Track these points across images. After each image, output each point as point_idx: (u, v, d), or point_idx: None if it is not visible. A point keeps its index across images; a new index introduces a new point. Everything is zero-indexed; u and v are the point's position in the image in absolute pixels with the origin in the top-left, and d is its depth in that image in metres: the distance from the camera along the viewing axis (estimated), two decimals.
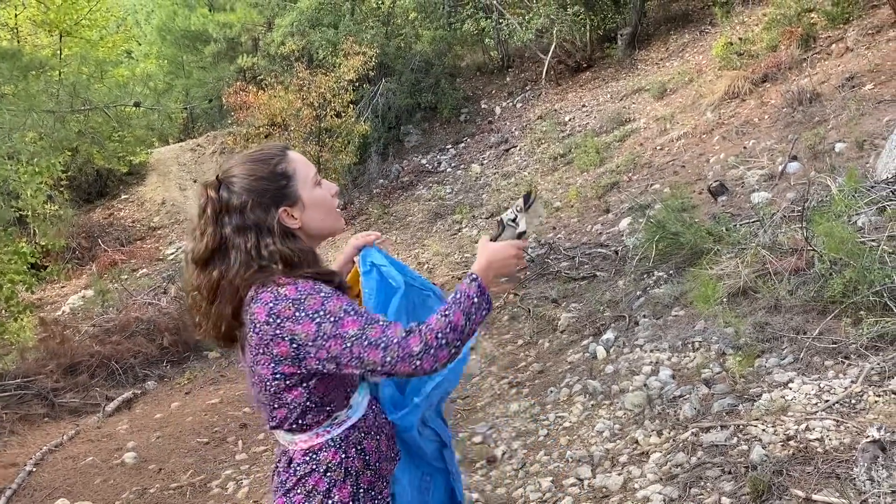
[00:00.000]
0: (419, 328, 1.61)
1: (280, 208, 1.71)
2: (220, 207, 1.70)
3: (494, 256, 1.77)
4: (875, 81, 8.91)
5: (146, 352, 7.10)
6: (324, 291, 1.63)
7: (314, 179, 1.76)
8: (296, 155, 1.79)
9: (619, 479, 3.42)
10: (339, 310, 1.60)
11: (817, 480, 2.77)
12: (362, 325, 1.59)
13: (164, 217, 14.57)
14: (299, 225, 1.74)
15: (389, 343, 1.57)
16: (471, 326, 1.65)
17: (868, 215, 4.70)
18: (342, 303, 1.62)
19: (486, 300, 1.70)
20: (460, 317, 1.63)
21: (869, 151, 6.84)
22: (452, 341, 1.61)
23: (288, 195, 1.72)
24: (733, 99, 10.89)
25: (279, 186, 1.71)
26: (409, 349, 1.57)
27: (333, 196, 1.80)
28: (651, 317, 5.11)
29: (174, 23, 18.17)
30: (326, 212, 1.78)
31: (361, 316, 1.61)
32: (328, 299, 1.61)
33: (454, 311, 1.64)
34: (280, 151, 1.77)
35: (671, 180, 9.15)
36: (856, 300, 3.82)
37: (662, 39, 14.80)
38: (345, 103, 13.31)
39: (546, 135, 13.06)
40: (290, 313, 1.60)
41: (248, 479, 4.27)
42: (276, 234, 1.69)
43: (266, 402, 1.74)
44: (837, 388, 3.40)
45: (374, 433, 1.84)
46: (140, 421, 5.59)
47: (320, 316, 1.59)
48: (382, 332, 1.59)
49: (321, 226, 1.78)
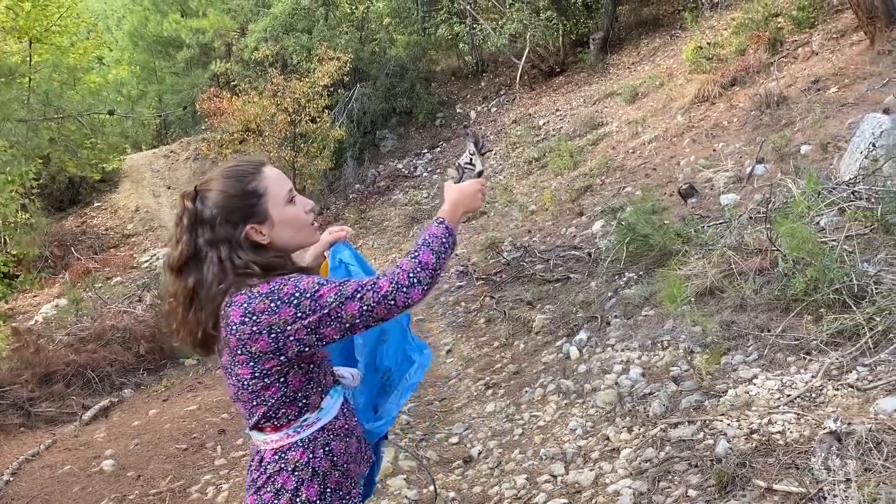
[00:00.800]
0: (390, 271, 1.74)
1: (248, 225, 1.77)
2: (194, 219, 1.76)
3: (460, 196, 1.92)
4: (839, 84, 9.14)
5: (122, 360, 7.08)
6: (293, 277, 1.72)
7: (286, 197, 1.81)
8: (272, 172, 1.83)
9: (590, 474, 3.51)
10: (313, 283, 1.69)
11: (778, 471, 2.88)
12: (338, 288, 1.69)
13: (137, 224, 14.49)
14: (268, 241, 1.80)
15: (364, 292, 1.69)
16: (439, 263, 1.77)
17: (829, 216, 4.85)
18: (309, 279, 1.71)
19: (453, 239, 1.83)
20: (429, 255, 1.75)
21: (833, 153, 7.03)
22: (423, 279, 1.73)
23: (256, 213, 1.78)
24: (703, 102, 11.09)
25: (248, 205, 1.77)
26: (381, 291, 1.69)
27: (308, 212, 1.86)
28: (622, 317, 5.22)
29: (146, 28, 18.10)
30: (297, 229, 1.84)
31: (334, 282, 1.71)
32: (300, 280, 1.70)
33: (423, 251, 1.77)
34: (255, 169, 1.81)
35: (643, 183, 9.31)
36: (817, 298, 3.95)
37: (634, 44, 15.01)
38: (320, 108, 13.34)
39: (521, 139, 13.19)
40: (265, 306, 1.66)
41: (227, 483, 4.30)
42: (245, 249, 1.76)
43: (245, 402, 1.80)
44: (799, 382, 3.52)
45: (343, 435, 1.89)
46: (117, 429, 5.59)
47: (296, 297, 1.66)
48: (358, 284, 1.70)
49: (290, 242, 1.84)
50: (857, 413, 3.08)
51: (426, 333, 7.31)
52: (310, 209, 1.87)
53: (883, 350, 3.43)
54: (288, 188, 1.83)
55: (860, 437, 2.75)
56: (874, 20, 9.39)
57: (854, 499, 2.40)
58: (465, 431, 4.57)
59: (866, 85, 8.72)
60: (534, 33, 14.40)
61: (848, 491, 2.47)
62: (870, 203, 4.66)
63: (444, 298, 8.08)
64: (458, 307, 7.55)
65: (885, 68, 8.92)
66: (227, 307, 1.71)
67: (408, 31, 16.07)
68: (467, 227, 10.91)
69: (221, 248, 1.74)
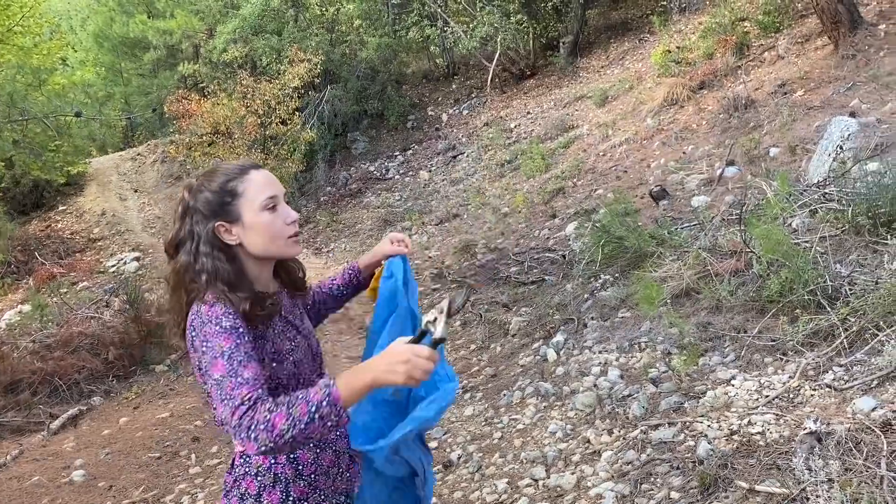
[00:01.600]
0: (258, 404, 1.55)
1: (217, 221, 1.77)
2: (185, 207, 1.82)
3: (379, 360, 1.60)
4: (805, 88, 9.30)
5: (91, 367, 6.92)
6: (223, 325, 1.66)
7: (264, 203, 1.78)
8: (259, 176, 1.81)
9: (572, 478, 3.51)
10: (218, 349, 1.63)
11: (760, 472, 2.91)
12: (225, 373, 1.59)
13: (104, 228, 14.21)
14: (237, 242, 1.79)
15: (227, 404, 1.57)
16: (292, 435, 1.52)
17: (801, 217, 4.92)
18: (227, 342, 1.64)
19: (329, 412, 1.54)
20: (282, 420, 1.52)
21: (801, 155, 7.14)
22: (263, 441, 1.52)
23: (228, 212, 1.78)
24: (672, 105, 11.21)
25: (221, 202, 1.78)
26: (230, 420, 1.55)
27: (290, 224, 1.82)
28: (599, 319, 5.24)
29: (111, 29, 17.80)
30: (270, 238, 1.79)
31: (231, 363, 1.61)
32: (219, 335, 1.65)
33: (283, 411, 1.54)
34: (241, 170, 1.81)
35: (614, 185, 9.37)
36: (792, 299, 4.00)
37: (603, 47, 15.14)
38: (290, 110, 13.23)
39: (493, 141, 13.21)
40: (197, 330, 1.69)
41: (202, 492, 4.23)
42: (209, 245, 1.77)
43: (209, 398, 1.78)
44: (776, 383, 3.56)
45: (313, 446, 1.84)
46: (87, 438, 5.47)
47: (206, 346, 1.65)
48: (232, 389, 1.57)
49: (262, 250, 1.81)
50: (835, 413, 3.12)
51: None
52: (291, 221, 1.82)
53: (858, 350, 3.48)
54: (268, 195, 1.79)
55: (840, 437, 2.79)
56: (838, 25, 9.57)
57: (836, 499, 2.42)
58: (444, 436, 4.54)
59: (832, 89, 8.88)
60: (504, 36, 14.45)
61: (830, 491, 2.49)
62: (840, 205, 4.73)
63: (420, 302, 8.04)
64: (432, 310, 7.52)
65: (849, 72, 9.10)
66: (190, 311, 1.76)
67: (378, 33, 16.02)
68: (440, 230, 10.91)
69: (194, 239, 1.78)
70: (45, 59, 12.90)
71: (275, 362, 1.79)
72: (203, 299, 1.73)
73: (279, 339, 1.82)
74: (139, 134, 17.71)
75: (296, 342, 1.87)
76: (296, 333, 1.89)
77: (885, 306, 3.51)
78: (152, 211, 15.11)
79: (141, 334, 7.32)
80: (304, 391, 1.58)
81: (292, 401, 1.55)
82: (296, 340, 1.87)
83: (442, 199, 12.24)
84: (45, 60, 12.89)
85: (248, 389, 1.57)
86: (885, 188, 4.44)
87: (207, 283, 1.74)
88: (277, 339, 1.82)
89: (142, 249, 13.33)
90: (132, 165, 16.75)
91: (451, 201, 11.86)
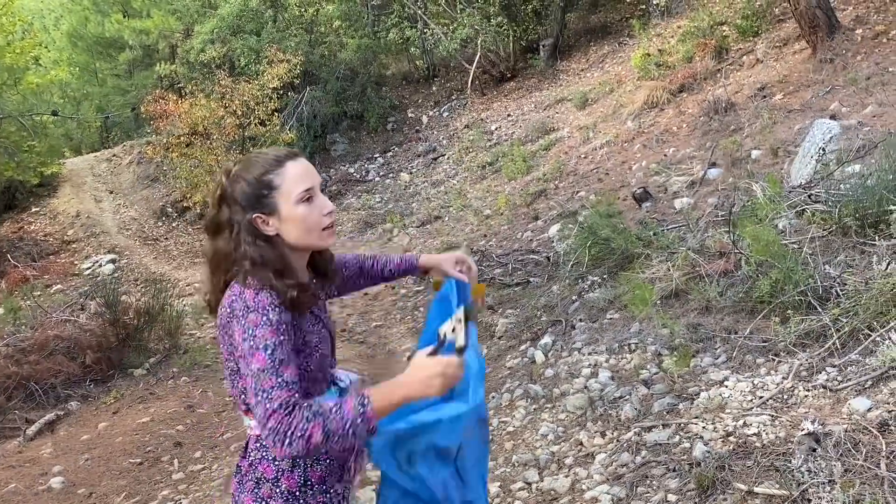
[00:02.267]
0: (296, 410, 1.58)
1: (254, 213, 1.78)
2: (222, 193, 1.82)
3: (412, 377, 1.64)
4: (784, 92, 9.39)
5: (68, 371, 6.75)
6: (269, 317, 1.67)
7: (300, 196, 1.77)
8: (294, 167, 1.80)
9: (566, 481, 3.47)
10: (262, 340, 1.64)
11: (758, 473, 2.89)
12: (265, 367, 1.62)
13: (78, 230, 13.98)
14: (275, 233, 1.80)
15: (263, 402, 1.60)
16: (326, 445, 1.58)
17: (788, 219, 4.94)
18: (272, 336, 1.65)
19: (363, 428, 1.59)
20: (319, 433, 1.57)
21: (783, 158, 7.19)
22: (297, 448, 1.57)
23: (265, 204, 1.78)
24: (652, 108, 11.27)
25: (259, 195, 1.78)
26: (266, 421, 1.59)
27: (326, 215, 1.81)
28: (587, 320, 5.22)
29: (86, 29, 17.52)
30: (306, 230, 1.79)
31: (273, 360, 1.63)
32: (265, 326, 1.66)
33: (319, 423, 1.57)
34: (277, 162, 1.79)
35: (596, 187, 9.39)
36: (783, 300, 4.00)
37: (583, 50, 15.19)
38: (269, 111, 13.12)
39: (473, 144, 13.19)
40: (238, 314, 1.69)
41: (187, 498, 4.13)
42: (249, 234, 1.77)
43: (230, 380, 1.81)
44: (770, 384, 3.55)
45: None
46: (65, 443, 5.33)
47: (249, 335, 1.66)
48: (272, 388, 1.60)
49: (298, 241, 1.81)
50: (830, 413, 3.12)
51: (384, 340, 7.22)
52: (327, 212, 1.81)
53: (851, 351, 3.48)
54: (304, 187, 1.78)
55: (838, 438, 2.78)
56: (816, 30, 9.68)
57: (839, 500, 2.41)
58: None
59: (811, 92, 8.97)
60: (485, 39, 14.45)
61: (832, 493, 2.48)
62: (827, 206, 4.76)
63: (403, 303, 8.00)
64: (416, 312, 7.47)
65: (827, 76, 9.21)
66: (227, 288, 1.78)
67: (358, 34, 15.93)
68: (421, 232, 10.85)
69: (234, 226, 1.79)
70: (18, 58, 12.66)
71: (306, 354, 1.79)
72: (247, 283, 1.72)
73: (309, 332, 1.81)
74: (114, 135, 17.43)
75: (322, 334, 1.86)
76: (321, 326, 1.87)
77: (877, 307, 3.52)
78: (128, 213, 14.89)
79: (119, 337, 7.17)
80: (339, 403, 1.61)
81: (328, 413, 1.59)
82: (322, 333, 1.86)
83: (423, 201, 12.19)
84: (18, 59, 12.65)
85: (287, 393, 1.60)
86: (871, 190, 4.46)
87: (253, 269, 1.73)
88: (308, 332, 1.81)
89: (117, 252, 13.13)
90: (107, 167, 16.48)
91: (432, 203, 11.81)
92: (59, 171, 15.07)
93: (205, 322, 8.68)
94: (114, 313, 7.30)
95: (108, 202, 15.23)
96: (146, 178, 15.70)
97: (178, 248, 13.43)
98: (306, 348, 1.79)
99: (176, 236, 14.04)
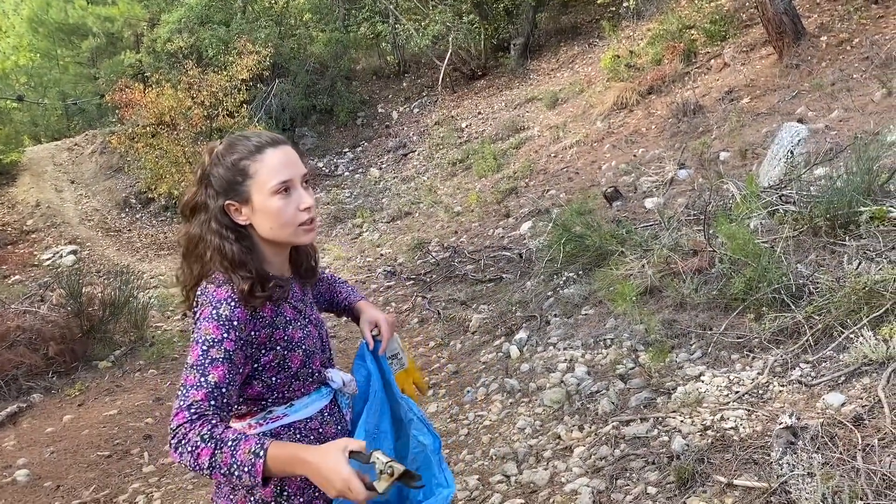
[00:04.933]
0: (199, 423, 1.53)
1: (226, 200, 1.71)
2: (203, 173, 1.75)
3: (320, 464, 1.50)
4: (751, 95, 9.56)
5: (30, 363, 6.59)
6: (219, 311, 1.62)
7: (276, 187, 1.68)
8: (274, 157, 1.70)
9: (545, 473, 3.49)
10: (203, 334, 1.61)
11: (737, 466, 2.94)
12: (194, 362, 1.59)
13: (38, 220, 13.64)
14: (247, 222, 1.73)
15: (180, 397, 1.57)
16: (209, 472, 1.52)
17: (759, 218, 5.03)
18: (214, 332, 1.61)
19: (250, 481, 1.51)
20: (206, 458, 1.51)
21: (751, 160, 7.32)
22: (186, 460, 1.53)
23: (237, 192, 1.71)
24: (622, 109, 11.38)
25: (232, 181, 1.70)
26: (172, 420, 1.55)
27: (303, 210, 1.72)
28: (562, 316, 5.25)
29: (48, 14, 17.08)
30: (280, 224, 1.70)
31: (205, 357, 1.59)
32: (210, 321, 1.61)
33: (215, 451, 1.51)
34: (256, 148, 1.71)
35: (566, 186, 9.46)
36: (757, 297, 4.07)
37: (553, 50, 15.28)
38: (237, 103, 12.96)
39: (444, 140, 13.19)
40: (199, 307, 1.68)
41: (159, 491, 4.05)
42: (218, 222, 1.71)
43: None
44: (745, 379, 3.61)
45: (313, 438, 1.78)
46: (29, 436, 5.20)
47: (196, 326, 1.64)
48: (190, 386, 1.57)
49: (271, 235, 1.73)
50: (805, 408, 3.19)
51: (356, 334, 7.18)
52: (305, 207, 1.71)
53: (824, 347, 3.56)
54: (281, 179, 1.68)
55: (815, 432, 2.84)
56: (783, 36, 9.87)
57: (819, 492, 2.46)
58: None
59: (777, 96, 9.15)
60: (456, 36, 14.45)
61: (811, 485, 2.53)
62: (798, 207, 4.85)
63: (374, 299, 7.95)
64: (388, 307, 7.44)
65: (793, 81, 9.40)
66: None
67: (329, 28, 15.81)
68: (391, 228, 10.81)
69: (208, 211, 1.72)
70: None
71: (286, 350, 1.73)
72: (211, 276, 1.69)
73: (290, 328, 1.75)
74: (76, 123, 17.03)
75: (307, 331, 1.80)
76: (306, 322, 1.81)
77: (849, 304, 3.60)
78: (90, 203, 14.57)
79: (83, 329, 7.02)
80: (239, 438, 1.52)
81: (223, 444, 1.51)
82: (307, 329, 1.80)
83: (393, 196, 12.15)
84: None
85: (202, 396, 1.55)
86: (841, 191, 4.57)
87: (212, 260, 1.68)
88: (288, 327, 1.75)
89: (79, 242, 12.84)
90: (69, 156, 16.10)
91: (402, 199, 11.78)
92: (18, 159, 14.69)
93: (171, 314, 8.55)
94: (78, 304, 7.14)
95: (70, 192, 14.88)
96: (109, 168, 15.38)
97: (141, 240, 13.19)
98: (289, 343, 1.73)
99: (140, 228, 13.79)
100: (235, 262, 1.67)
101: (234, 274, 1.66)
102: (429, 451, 1.94)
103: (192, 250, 1.74)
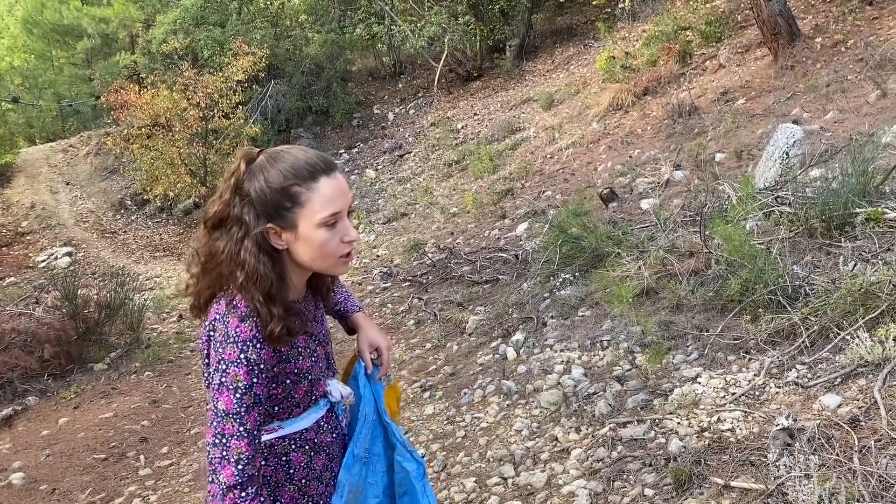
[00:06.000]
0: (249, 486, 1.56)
1: (270, 223, 1.62)
2: (238, 184, 1.63)
3: None
4: (746, 97, 9.58)
5: (25, 365, 6.58)
6: (247, 355, 1.57)
7: (325, 220, 1.61)
8: (328, 187, 1.62)
9: (542, 476, 3.49)
10: (233, 380, 1.56)
11: (734, 468, 2.94)
12: (230, 410, 1.56)
13: (33, 222, 13.61)
14: (285, 247, 1.65)
15: (221, 448, 1.56)
16: None
17: (755, 220, 5.04)
18: (245, 378, 1.57)
19: None
20: None
21: (747, 161, 7.34)
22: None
23: (284, 217, 1.62)
24: (617, 110, 11.40)
25: (281, 206, 1.61)
26: (218, 471, 1.56)
27: (345, 242, 1.65)
28: (559, 317, 5.26)
29: (42, 15, 17.04)
30: (321, 256, 1.64)
31: (241, 403, 1.56)
32: (240, 365, 1.56)
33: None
34: (310, 174, 1.61)
35: (562, 187, 9.47)
36: (753, 299, 4.08)
37: (549, 52, 15.30)
38: (233, 104, 12.94)
39: (440, 141, 13.19)
40: (217, 338, 1.59)
41: (155, 494, 4.05)
42: (256, 245, 1.61)
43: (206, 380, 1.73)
44: (742, 381, 3.62)
45: (308, 448, 1.76)
46: (24, 439, 5.18)
47: (221, 369, 1.57)
48: (231, 435, 1.56)
49: (309, 263, 1.67)
50: (802, 410, 3.19)
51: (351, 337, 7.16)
52: (349, 240, 1.66)
53: (820, 349, 3.57)
54: (332, 211, 1.61)
55: (811, 434, 2.84)
56: (777, 37, 9.90)
57: (816, 493, 2.47)
58: (406, 435, 4.47)
59: (772, 98, 9.17)
60: (452, 37, 14.46)
61: (808, 486, 2.53)
62: (793, 208, 4.87)
63: (370, 300, 7.95)
64: (384, 309, 7.44)
65: (788, 82, 9.42)
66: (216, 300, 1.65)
67: (325, 29, 15.80)
68: (388, 229, 10.81)
69: (242, 227, 1.62)
70: None
71: (294, 383, 1.70)
72: (234, 303, 1.59)
73: (301, 358, 1.71)
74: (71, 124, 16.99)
75: (315, 356, 1.77)
76: (315, 346, 1.78)
77: (845, 306, 3.61)
78: (85, 205, 14.54)
79: (79, 331, 7.01)
80: None
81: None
82: (315, 355, 1.77)
83: (389, 197, 12.15)
84: None
85: (244, 447, 1.56)
86: (837, 192, 4.58)
87: (245, 283, 1.59)
88: (299, 359, 1.71)
89: (74, 244, 12.82)
90: (63, 157, 16.06)
91: (398, 200, 11.78)
92: (13, 160, 14.66)
93: (167, 317, 8.53)
94: (73, 306, 7.13)
95: (65, 194, 14.85)
96: (104, 169, 15.36)
97: (137, 242, 13.17)
98: (297, 376, 1.70)
99: (135, 229, 13.76)
100: (271, 294, 1.61)
101: (265, 308, 1.59)
102: (412, 478, 1.94)
103: (212, 266, 1.65)
